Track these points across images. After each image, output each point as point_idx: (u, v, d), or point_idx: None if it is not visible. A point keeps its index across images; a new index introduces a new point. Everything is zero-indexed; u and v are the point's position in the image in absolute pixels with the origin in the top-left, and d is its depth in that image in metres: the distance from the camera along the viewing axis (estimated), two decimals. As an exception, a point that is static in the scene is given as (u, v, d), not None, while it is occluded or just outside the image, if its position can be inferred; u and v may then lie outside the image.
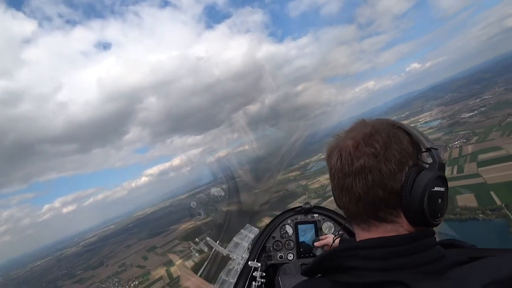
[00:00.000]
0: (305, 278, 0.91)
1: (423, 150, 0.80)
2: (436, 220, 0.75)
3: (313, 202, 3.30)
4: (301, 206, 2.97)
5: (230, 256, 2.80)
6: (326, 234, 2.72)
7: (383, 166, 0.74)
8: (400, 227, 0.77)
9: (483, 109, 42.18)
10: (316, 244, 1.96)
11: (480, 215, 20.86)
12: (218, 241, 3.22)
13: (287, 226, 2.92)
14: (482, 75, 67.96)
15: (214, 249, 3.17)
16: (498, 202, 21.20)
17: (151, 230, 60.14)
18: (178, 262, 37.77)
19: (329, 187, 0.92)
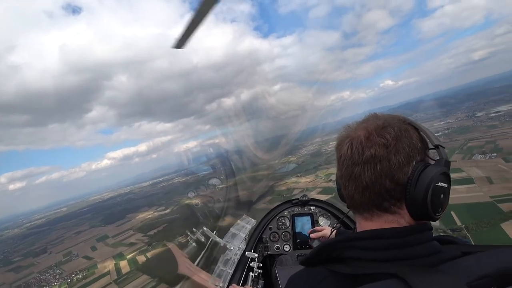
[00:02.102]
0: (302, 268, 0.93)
1: (431, 147, 0.82)
2: (437, 214, 0.77)
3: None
4: (298, 198, 3.07)
5: (227, 246, 2.81)
6: (322, 226, 2.71)
7: (393, 157, 0.76)
8: (401, 218, 0.79)
9: (446, 131, 44.77)
10: (312, 235, 1.93)
11: (441, 234, 21.39)
12: (215, 232, 3.28)
13: (284, 217, 3.01)
14: (447, 100, 73.14)
15: (211, 238, 3.23)
16: (458, 223, 22.08)
17: (105, 217, 56.60)
18: (130, 255, 35.37)
19: (296, 191, 0.72)
